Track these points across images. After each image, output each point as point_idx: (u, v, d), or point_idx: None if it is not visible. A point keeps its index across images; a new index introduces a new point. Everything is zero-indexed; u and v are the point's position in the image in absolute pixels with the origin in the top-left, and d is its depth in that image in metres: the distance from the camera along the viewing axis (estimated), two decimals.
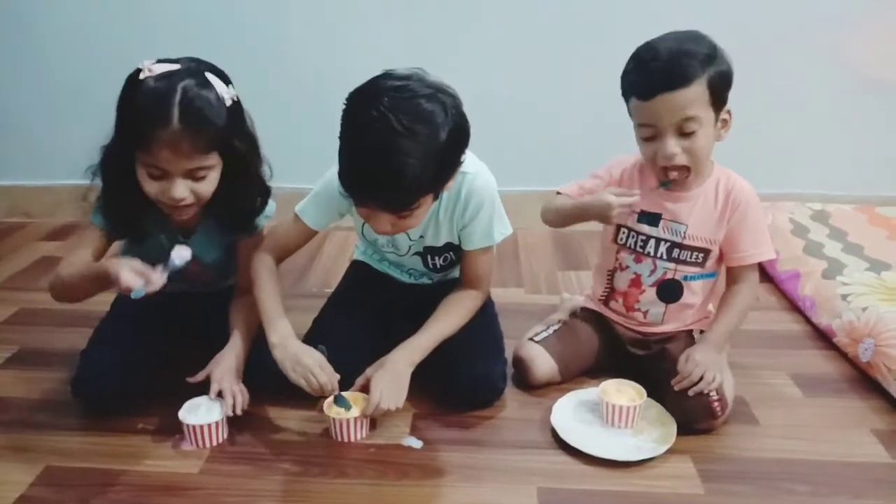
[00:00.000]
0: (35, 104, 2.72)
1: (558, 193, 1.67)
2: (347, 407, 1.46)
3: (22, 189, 2.84)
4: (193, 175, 1.40)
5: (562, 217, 1.64)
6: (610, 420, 1.50)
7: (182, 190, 1.40)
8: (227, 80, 1.43)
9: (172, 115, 1.32)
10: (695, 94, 1.40)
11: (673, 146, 1.45)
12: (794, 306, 2.07)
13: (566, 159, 2.64)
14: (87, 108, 2.50)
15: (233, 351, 1.54)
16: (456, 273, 1.73)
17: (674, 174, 1.50)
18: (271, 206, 1.63)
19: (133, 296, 1.34)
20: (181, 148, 1.35)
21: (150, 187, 1.41)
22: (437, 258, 1.65)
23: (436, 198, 1.44)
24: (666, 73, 1.40)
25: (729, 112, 1.47)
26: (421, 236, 1.61)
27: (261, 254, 1.62)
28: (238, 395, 1.47)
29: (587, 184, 1.64)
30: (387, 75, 1.35)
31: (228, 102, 1.40)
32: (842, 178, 2.65)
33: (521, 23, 2.55)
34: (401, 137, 1.27)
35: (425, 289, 1.73)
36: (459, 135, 1.36)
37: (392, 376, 1.48)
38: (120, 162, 1.42)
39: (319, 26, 2.59)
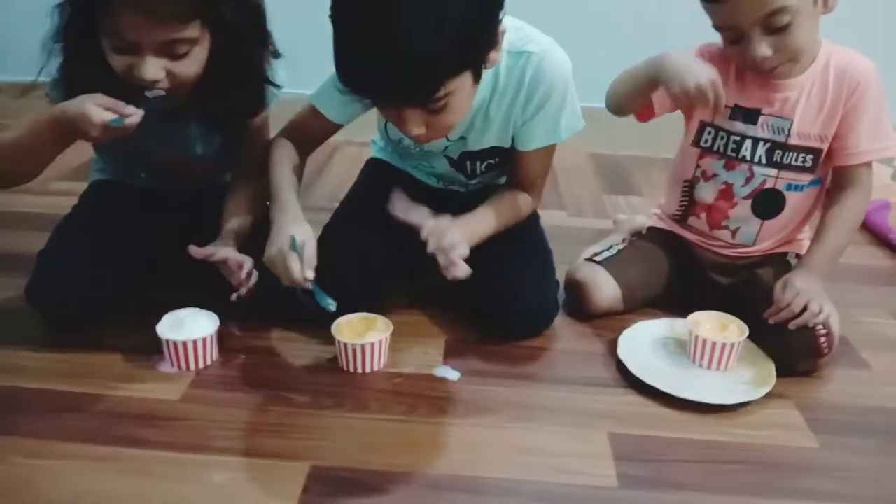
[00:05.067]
0: None
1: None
2: (325, 303, 1.16)
3: None
4: (170, 51, 1.10)
5: (623, 90, 1.32)
6: (700, 358, 1.21)
7: (154, 69, 1.09)
8: None
9: None
10: None
11: (763, 49, 1.15)
12: (883, 240, 1.78)
13: (614, 72, 2.35)
14: None
15: (229, 239, 1.25)
16: (498, 181, 1.43)
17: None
18: (281, 75, 1.30)
19: (113, 124, 1.07)
20: (151, 11, 1.04)
21: (116, 62, 1.11)
22: (477, 163, 1.34)
23: (476, 80, 1.10)
24: None
25: None
26: (462, 137, 1.30)
27: (279, 139, 1.32)
28: (252, 273, 1.18)
29: None
30: None
31: None
32: None
33: None
34: None
35: (456, 196, 1.43)
36: None
37: (456, 227, 1.20)
38: (80, 27, 1.11)
39: None
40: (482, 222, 1.27)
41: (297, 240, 1.12)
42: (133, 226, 1.32)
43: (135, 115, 1.08)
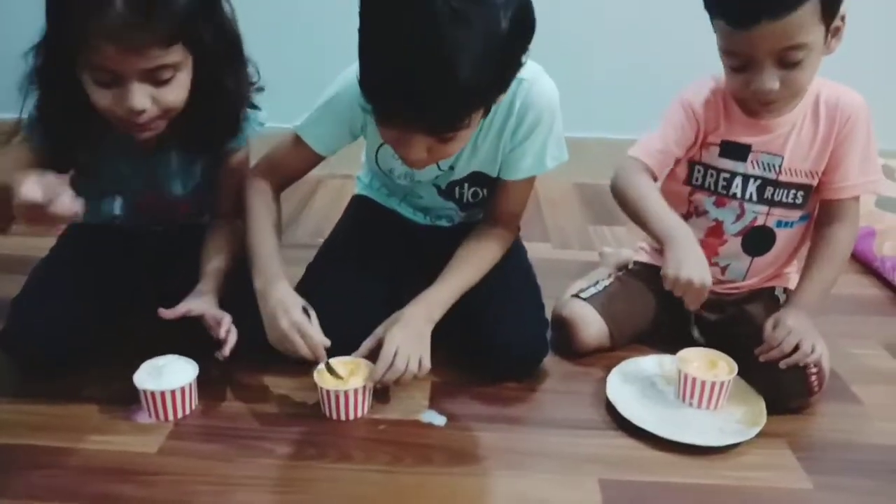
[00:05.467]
0: None
1: (631, 157, 1.30)
2: (338, 377, 1.16)
3: None
4: (154, 78, 1.08)
5: (633, 216, 1.28)
6: (689, 397, 1.19)
7: (141, 98, 1.07)
8: None
9: None
10: (804, 16, 1.06)
11: (771, 81, 1.12)
12: (869, 268, 1.78)
13: (597, 102, 2.35)
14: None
15: (209, 286, 1.22)
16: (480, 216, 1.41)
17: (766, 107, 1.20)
18: (261, 114, 1.30)
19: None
20: (132, 40, 1.01)
21: (101, 98, 1.08)
22: (465, 187, 1.33)
23: (486, 114, 1.10)
24: None
25: (843, 18, 1.13)
26: (451, 167, 1.29)
27: (255, 179, 1.30)
28: (231, 330, 1.15)
29: (669, 140, 1.28)
30: None
31: None
32: None
33: None
34: (449, 24, 0.93)
35: (444, 233, 1.41)
36: (523, 25, 1.01)
37: (410, 333, 1.17)
38: (58, 65, 1.09)
39: None
40: (449, 288, 1.24)
41: (304, 305, 1.13)
42: (111, 267, 1.29)
43: (63, 204, 0.98)
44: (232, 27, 1.18)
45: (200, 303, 1.18)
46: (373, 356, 1.17)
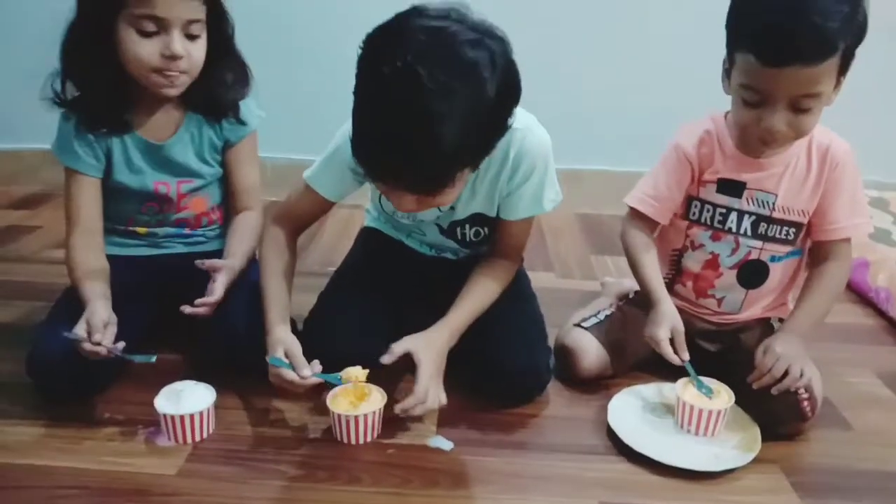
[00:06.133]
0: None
1: (631, 209, 1.40)
2: (336, 381, 1.20)
3: None
4: (188, 31, 1.26)
5: (631, 271, 1.40)
6: (687, 424, 1.24)
7: (181, 45, 1.25)
8: None
9: None
10: (828, 67, 1.12)
11: (781, 123, 1.17)
12: (863, 298, 1.82)
13: (596, 135, 2.42)
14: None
15: (232, 262, 1.35)
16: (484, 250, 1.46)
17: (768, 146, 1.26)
18: (260, 111, 1.45)
19: (72, 335, 1.17)
20: None
21: (142, 48, 1.24)
22: (466, 228, 1.39)
23: (474, 170, 1.16)
24: (805, 39, 1.10)
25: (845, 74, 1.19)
26: (451, 208, 1.35)
27: (270, 227, 1.38)
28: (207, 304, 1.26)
29: (661, 184, 1.35)
30: (417, 12, 1.05)
31: None
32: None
33: None
34: (434, 97, 0.98)
35: (448, 265, 1.47)
36: (509, 92, 1.07)
37: (440, 368, 1.24)
38: (90, 35, 1.25)
39: None
40: (463, 314, 1.30)
41: (278, 356, 1.19)
42: (130, 298, 1.34)
43: (92, 343, 1.16)
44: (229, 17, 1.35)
45: (226, 267, 1.31)
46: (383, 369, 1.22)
